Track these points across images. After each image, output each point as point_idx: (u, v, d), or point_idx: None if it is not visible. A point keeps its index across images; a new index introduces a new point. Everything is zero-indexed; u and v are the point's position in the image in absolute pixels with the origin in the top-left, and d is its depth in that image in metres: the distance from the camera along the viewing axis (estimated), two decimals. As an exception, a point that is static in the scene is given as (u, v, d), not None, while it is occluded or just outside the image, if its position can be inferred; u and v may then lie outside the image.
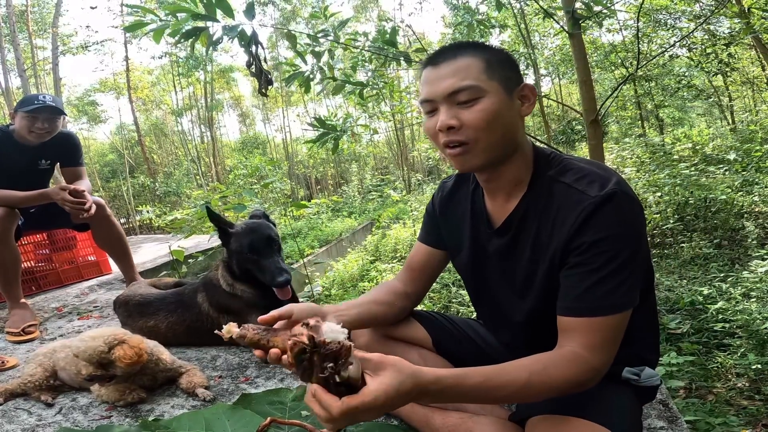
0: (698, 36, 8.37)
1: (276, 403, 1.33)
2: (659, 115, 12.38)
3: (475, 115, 0.89)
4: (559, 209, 0.89)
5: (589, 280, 0.84)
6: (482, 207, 1.04)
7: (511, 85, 0.92)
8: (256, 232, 1.65)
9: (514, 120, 0.92)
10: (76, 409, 1.42)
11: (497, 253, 1.02)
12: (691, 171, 6.57)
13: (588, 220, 0.84)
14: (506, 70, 0.92)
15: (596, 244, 0.83)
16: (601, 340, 0.83)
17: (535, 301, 0.96)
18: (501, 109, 0.89)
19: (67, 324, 2.30)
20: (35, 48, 15.39)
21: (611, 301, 0.83)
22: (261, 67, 2.36)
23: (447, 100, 0.90)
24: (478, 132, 0.89)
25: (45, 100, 2.22)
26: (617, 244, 0.83)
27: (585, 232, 0.84)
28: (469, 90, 0.88)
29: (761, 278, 3.67)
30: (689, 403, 2.40)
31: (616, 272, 0.83)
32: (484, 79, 0.89)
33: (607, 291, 0.83)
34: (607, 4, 3.20)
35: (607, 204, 0.83)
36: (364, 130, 4.99)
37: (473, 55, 0.91)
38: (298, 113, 27.25)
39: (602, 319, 0.83)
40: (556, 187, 0.91)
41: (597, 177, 0.87)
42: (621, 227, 0.83)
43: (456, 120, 0.89)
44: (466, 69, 0.90)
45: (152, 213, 10.46)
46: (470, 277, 1.13)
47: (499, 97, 0.89)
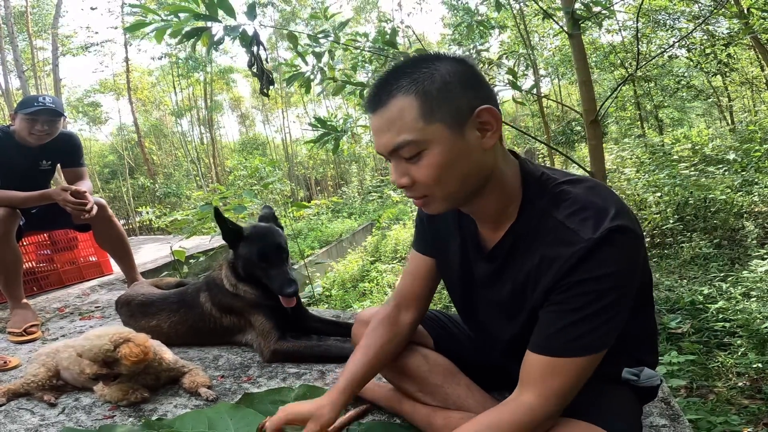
0: (697, 36, 8.38)
1: (278, 402, 1.33)
2: (658, 116, 12.40)
3: (422, 171, 0.80)
4: (549, 247, 0.81)
5: (566, 320, 0.79)
6: (473, 229, 0.97)
7: (461, 116, 0.78)
8: (266, 240, 1.63)
9: (472, 158, 0.80)
10: (79, 408, 1.42)
11: (484, 277, 0.97)
12: (691, 171, 6.58)
13: (578, 264, 0.77)
14: (453, 96, 0.77)
15: (581, 284, 0.77)
16: (557, 385, 0.80)
17: (520, 327, 0.92)
18: (450, 156, 0.78)
19: (69, 324, 2.30)
20: (35, 49, 15.39)
21: (582, 342, 0.78)
22: (263, 68, 2.37)
23: (392, 156, 0.82)
24: (430, 188, 0.82)
25: (45, 101, 2.22)
26: (603, 286, 0.77)
27: (572, 274, 0.78)
28: (407, 146, 0.78)
29: (761, 278, 3.68)
30: (690, 402, 2.41)
31: (597, 314, 0.78)
32: (421, 126, 0.77)
33: (581, 333, 0.78)
34: (606, 4, 3.21)
35: (599, 247, 0.76)
36: (364, 131, 5.00)
37: (406, 92, 0.77)
38: (298, 114, 27.31)
39: (567, 361, 0.79)
40: (548, 222, 0.82)
41: (592, 213, 0.78)
42: (611, 269, 0.76)
43: (406, 178, 0.82)
44: (400, 118, 0.78)
45: (152, 214, 10.45)
46: (458, 296, 1.08)
47: (444, 144, 0.78)
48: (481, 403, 1.08)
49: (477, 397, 1.09)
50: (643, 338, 0.97)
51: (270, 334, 1.63)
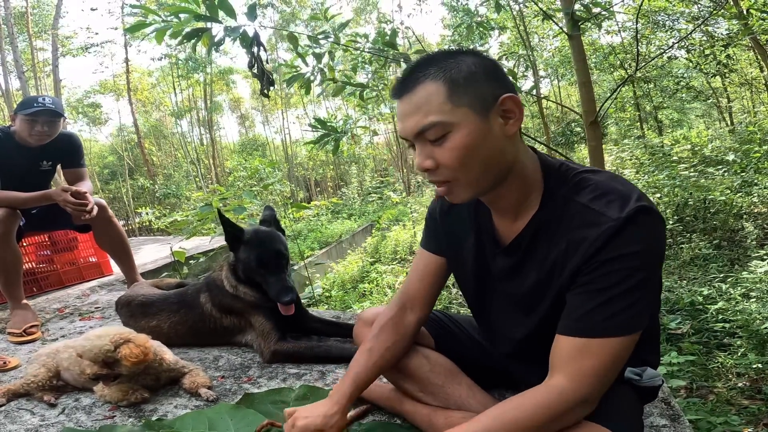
0: (697, 37, 8.40)
1: (278, 403, 1.33)
2: (658, 117, 12.42)
3: (447, 153, 0.81)
4: (575, 231, 0.82)
5: (595, 301, 0.78)
6: (489, 224, 0.97)
7: (486, 104, 0.80)
8: (265, 245, 1.63)
9: (496, 144, 0.82)
10: (79, 409, 1.42)
11: (502, 272, 0.97)
12: (690, 172, 6.59)
13: (607, 242, 0.77)
14: (479, 85, 0.80)
15: (609, 263, 0.77)
16: (591, 367, 0.78)
17: (538, 321, 0.93)
18: (475, 139, 0.80)
19: (69, 325, 2.30)
20: (35, 50, 15.39)
21: (614, 322, 0.77)
22: (263, 68, 2.37)
23: (417, 139, 0.83)
24: (454, 171, 0.82)
25: (44, 102, 2.22)
26: (633, 264, 0.77)
27: (600, 253, 0.78)
28: (433, 128, 0.80)
29: (761, 278, 3.69)
30: (690, 403, 2.41)
31: (627, 293, 0.77)
32: (449, 109, 0.79)
33: (613, 313, 0.77)
34: (606, 6, 3.21)
35: (628, 226, 0.76)
36: (364, 132, 5.01)
37: (435, 78, 0.80)
38: (298, 115, 27.30)
39: (600, 342, 0.78)
40: (572, 207, 0.83)
41: (616, 195, 0.80)
42: (641, 247, 0.77)
43: (431, 161, 0.83)
44: (427, 102, 0.80)
45: (151, 215, 10.45)
46: (471, 293, 1.09)
47: (470, 126, 0.80)
48: (483, 404, 1.08)
49: (478, 398, 1.09)
50: (646, 337, 0.97)
51: (270, 335, 1.63)
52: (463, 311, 4.68)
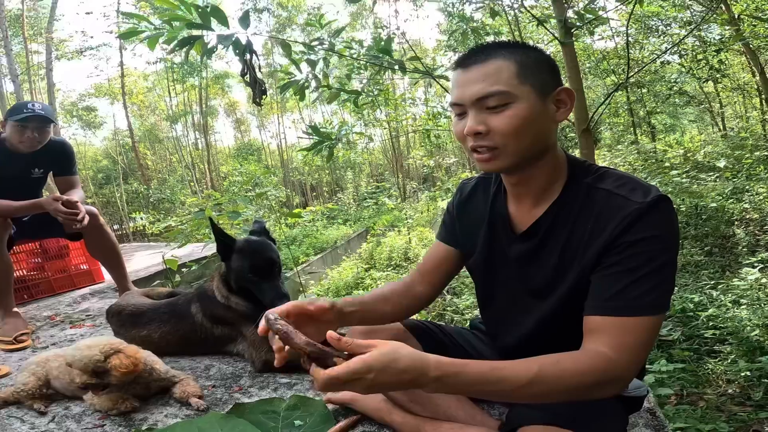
0: (689, 42, 8.47)
1: (269, 413, 1.33)
2: (651, 122, 12.50)
3: (504, 121, 0.86)
4: (599, 215, 0.87)
5: (625, 280, 0.82)
6: (504, 211, 1.03)
7: (546, 89, 0.88)
8: (258, 254, 1.63)
9: (545, 126, 0.90)
10: (69, 417, 1.42)
11: (519, 258, 1.00)
12: (683, 178, 6.64)
13: (633, 224, 0.82)
14: (542, 72, 0.89)
15: (636, 244, 0.82)
16: (631, 342, 0.79)
17: (554, 306, 0.95)
18: (532, 114, 0.86)
19: (60, 332, 2.29)
20: (30, 53, 15.34)
21: (647, 301, 0.80)
22: (255, 77, 2.38)
23: (476, 104, 0.88)
24: (506, 138, 0.87)
25: (34, 108, 2.22)
26: (657, 246, 0.81)
27: (625, 235, 0.83)
28: (498, 95, 0.86)
29: (751, 285, 3.72)
30: (680, 410, 2.42)
31: (654, 274, 0.81)
32: (516, 83, 0.86)
33: (644, 291, 0.80)
34: (598, 12, 3.25)
35: (652, 210, 0.82)
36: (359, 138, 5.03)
37: (506, 57, 0.87)
38: (294, 120, 27.29)
39: (635, 320, 0.80)
40: (596, 194, 0.89)
41: (638, 185, 0.87)
42: (664, 231, 0.82)
43: (484, 126, 0.88)
44: (497, 73, 0.86)
45: (146, 220, 10.39)
46: (482, 280, 1.13)
47: (530, 103, 0.86)
48: (471, 415, 1.09)
49: (467, 409, 1.10)
50: None
51: (261, 345, 1.63)
52: (456, 319, 4.69)
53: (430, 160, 16.02)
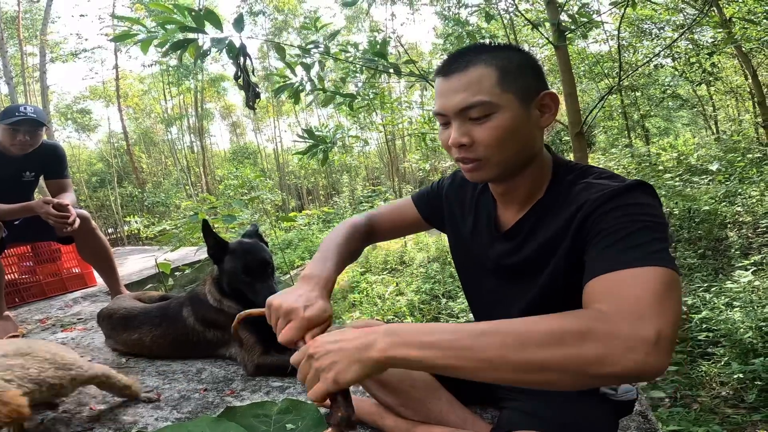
0: (682, 45, 8.53)
1: (261, 416, 1.32)
2: (645, 125, 12.57)
3: (487, 132, 0.84)
4: (577, 202, 0.83)
5: (614, 238, 0.73)
6: (491, 209, 1.02)
7: (529, 94, 0.86)
8: (250, 254, 1.64)
9: (530, 133, 0.87)
10: (59, 420, 1.41)
11: (499, 256, 0.99)
12: (676, 182, 6.67)
13: (612, 197, 0.77)
14: (525, 77, 0.86)
15: (618, 209, 0.76)
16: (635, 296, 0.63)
17: (538, 291, 0.92)
18: (515, 123, 0.84)
19: (51, 336, 2.27)
20: (25, 55, 15.27)
21: (645, 251, 0.68)
22: (249, 80, 2.37)
23: (458, 115, 0.86)
24: (490, 150, 0.86)
25: (26, 111, 2.21)
26: (642, 210, 0.75)
27: (605, 205, 0.77)
28: (480, 106, 0.84)
29: (744, 288, 3.73)
30: (673, 413, 2.43)
31: (647, 229, 0.72)
32: (497, 92, 0.84)
33: (639, 244, 0.70)
34: (591, 15, 3.27)
35: (630, 189, 0.78)
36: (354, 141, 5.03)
37: (487, 63, 0.85)
38: (290, 123, 27.28)
39: (634, 271, 0.66)
40: (576, 188, 0.86)
41: (619, 177, 0.85)
42: (645, 200, 0.77)
43: (467, 137, 0.86)
44: (478, 82, 0.84)
45: (140, 224, 10.35)
46: (465, 274, 1.13)
47: (513, 112, 0.84)
48: (462, 419, 1.09)
49: (458, 413, 1.10)
50: None
51: (254, 348, 1.63)
52: (452, 322, 4.68)
53: (426, 164, 16.04)
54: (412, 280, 6.75)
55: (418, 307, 5.65)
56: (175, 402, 1.50)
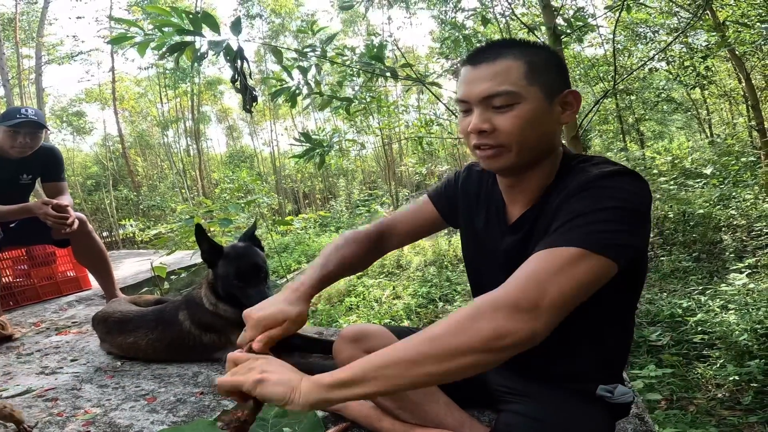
0: (676, 49, 8.57)
1: (258, 420, 1.32)
2: (640, 129, 12.63)
3: (510, 121, 0.86)
4: (568, 188, 0.85)
5: (560, 221, 0.79)
6: (500, 205, 1.03)
7: (553, 90, 0.88)
8: (243, 259, 1.62)
9: (551, 126, 0.90)
10: (53, 423, 1.40)
11: (507, 249, 1.00)
12: (671, 185, 6.71)
13: (586, 183, 0.81)
14: (551, 74, 0.88)
15: (586, 189, 0.80)
16: (535, 270, 0.71)
17: None
18: (537, 116, 0.86)
19: (45, 339, 2.26)
20: (21, 57, 15.21)
21: (566, 237, 0.75)
22: (246, 84, 2.37)
23: (482, 103, 0.88)
24: (510, 138, 0.87)
25: (27, 114, 2.21)
26: (600, 195, 0.78)
27: (579, 188, 0.81)
28: (505, 95, 0.85)
29: (739, 291, 3.75)
30: (670, 415, 2.43)
31: (585, 215, 0.76)
32: (524, 84, 0.85)
33: (567, 229, 0.76)
34: (587, 19, 3.29)
35: (608, 175, 0.80)
36: (351, 145, 5.03)
37: (515, 57, 0.87)
38: (286, 127, 27.27)
39: (555, 250, 0.73)
40: (573, 173, 0.89)
41: (613, 165, 0.85)
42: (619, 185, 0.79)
43: (489, 124, 0.87)
44: (506, 73, 0.86)
45: (135, 227, 10.29)
46: (475, 268, 1.13)
47: (537, 104, 0.86)
48: (459, 421, 1.08)
49: (455, 415, 1.10)
50: (623, 351, 0.99)
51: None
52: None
53: (423, 168, 16.05)
54: (408, 284, 6.75)
55: (415, 310, 5.65)
56: (171, 405, 1.49)
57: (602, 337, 0.90)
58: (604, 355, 0.94)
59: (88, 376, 1.77)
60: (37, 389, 1.68)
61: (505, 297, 0.70)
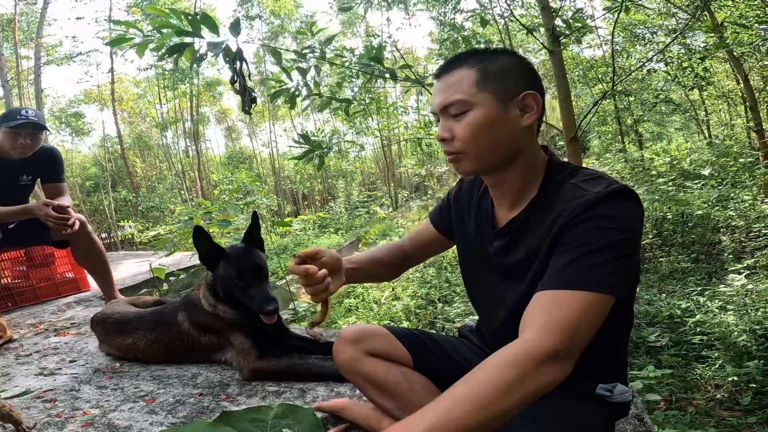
0: (675, 50, 8.58)
1: (257, 421, 1.31)
2: (638, 130, 12.64)
3: (462, 127, 0.92)
4: (560, 204, 0.88)
5: (570, 256, 0.82)
6: (489, 210, 1.06)
7: (508, 94, 0.91)
8: (244, 259, 1.62)
9: (508, 130, 0.92)
10: (52, 424, 1.40)
11: (495, 253, 1.03)
12: (669, 186, 6.71)
13: (588, 208, 0.83)
14: (506, 78, 0.91)
15: (587, 222, 0.82)
16: (559, 318, 0.76)
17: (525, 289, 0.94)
18: (489, 120, 0.90)
19: (44, 340, 2.26)
20: (20, 58, 15.19)
21: (589, 276, 0.79)
22: (245, 85, 2.37)
23: (443, 113, 0.95)
24: (465, 143, 0.92)
25: (27, 115, 2.21)
26: (609, 225, 0.81)
27: (578, 216, 0.84)
28: (457, 104, 0.92)
29: (737, 291, 3.76)
30: (669, 415, 2.43)
31: (602, 250, 0.80)
32: (474, 92, 0.91)
33: (586, 267, 0.79)
34: (585, 21, 3.30)
35: (607, 199, 0.83)
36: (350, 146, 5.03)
37: (470, 66, 0.92)
38: (285, 128, 27.26)
39: (572, 294, 0.78)
40: (564, 187, 0.91)
41: (604, 180, 0.88)
42: (617, 213, 0.82)
43: (449, 132, 0.94)
44: (458, 82, 0.92)
45: (134, 228, 10.28)
46: (467, 269, 1.17)
47: (488, 109, 0.90)
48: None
49: (456, 416, 1.10)
50: (621, 350, 1.00)
51: (250, 353, 1.62)
52: (448, 327, 4.68)
53: (422, 169, 16.07)
54: (408, 285, 6.75)
55: (414, 311, 5.65)
56: (170, 406, 1.49)
57: (598, 336, 0.90)
58: (601, 354, 0.94)
59: (86, 377, 1.77)
60: (36, 390, 1.67)
61: (544, 350, 0.74)
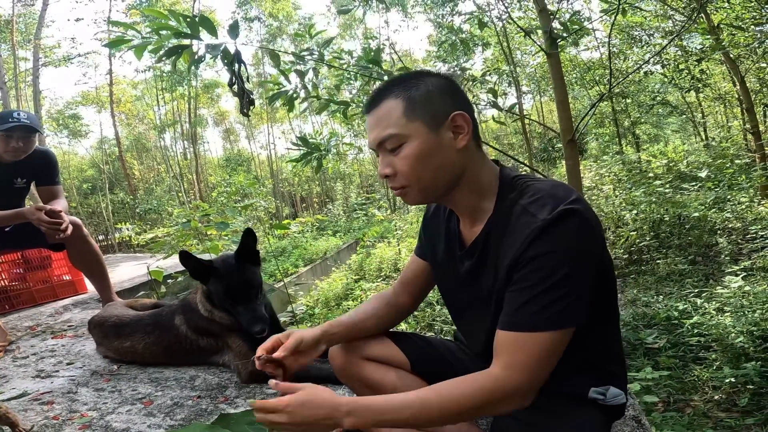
0: (671, 52, 8.61)
1: (255, 424, 1.31)
2: (635, 132, 12.68)
3: (401, 162, 0.91)
4: (513, 232, 0.88)
5: (524, 296, 0.83)
6: (456, 229, 1.05)
7: (438, 119, 0.89)
8: (232, 277, 1.57)
9: (446, 155, 0.90)
10: (49, 427, 1.40)
11: (466, 272, 1.01)
12: (666, 188, 6.73)
13: (533, 241, 0.83)
14: (433, 103, 0.90)
15: (533, 260, 0.83)
16: (523, 360, 0.82)
17: (493, 318, 0.94)
18: (425, 151, 0.89)
19: (41, 343, 2.25)
20: (18, 59, 15.15)
21: (544, 317, 0.82)
22: (243, 87, 2.37)
23: (380, 148, 0.93)
24: (407, 177, 0.91)
25: (20, 117, 2.20)
26: (554, 261, 0.82)
27: (527, 251, 0.84)
28: (390, 139, 0.90)
29: (734, 293, 3.77)
30: (667, 417, 2.44)
31: (552, 289, 0.82)
32: (404, 123, 0.89)
33: (541, 307, 0.82)
34: (583, 23, 3.31)
35: (552, 225, 0.82)
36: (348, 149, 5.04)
37: (396, 96, 0.90)
38: (283, 130, 27.28)
39: (530, 336, 0.82)
40: (515, 209, 0.90)
41: (551, 199, 0.85)
42: (562, 246, 0.82)
43: (390, 168, 0.92)
44: (387, 116, 0.90)
45: (131, 231, 10.25)
46: (444, 292, 1.15)
47: (421, 140, 0.89)
48: (456, 426, 1.08)
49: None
50: (612, 350, 0.99)
51: (247, 356, 1.61)
52: (446, 329, 4.68)
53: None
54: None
55: (413, 313, 5.65)
56: (168, 409, 1.49)
57: (585, 342, 0.91)
58: (590, 359, 0.94)
59: (84, 379, 1.76)
60: (33, 393, 1.67)
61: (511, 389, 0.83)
